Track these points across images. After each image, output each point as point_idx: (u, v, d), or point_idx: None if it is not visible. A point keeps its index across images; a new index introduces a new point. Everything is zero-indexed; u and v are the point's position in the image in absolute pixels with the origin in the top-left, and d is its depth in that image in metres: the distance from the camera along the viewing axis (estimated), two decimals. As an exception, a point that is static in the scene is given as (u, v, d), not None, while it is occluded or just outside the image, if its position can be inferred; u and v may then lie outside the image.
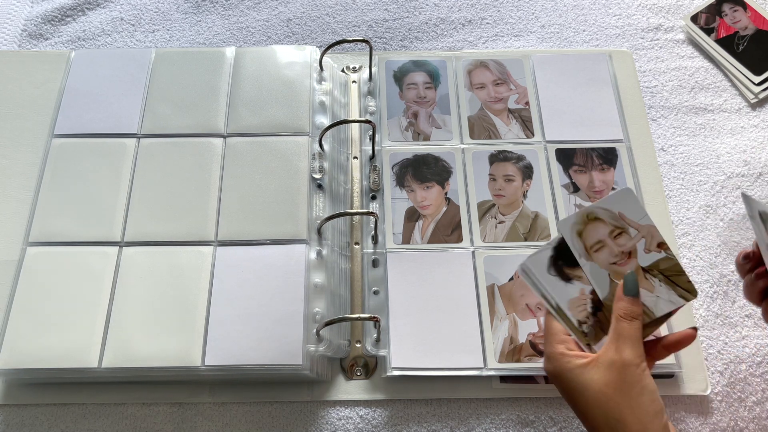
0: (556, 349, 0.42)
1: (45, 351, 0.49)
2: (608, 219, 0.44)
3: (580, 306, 0.43)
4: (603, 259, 0.43)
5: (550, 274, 0.44)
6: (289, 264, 0.53)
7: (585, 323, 0.43)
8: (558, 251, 0.44)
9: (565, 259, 0.44)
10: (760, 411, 0.52)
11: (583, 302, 0.43)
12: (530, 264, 0.44)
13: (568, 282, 0.44)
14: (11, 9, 0.73)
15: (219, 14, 0.73)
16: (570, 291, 0.44)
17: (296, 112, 0.60)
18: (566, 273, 0.44)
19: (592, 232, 0.44)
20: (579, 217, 0.44)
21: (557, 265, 0.44)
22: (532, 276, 0.44)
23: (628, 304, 0.42)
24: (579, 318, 0.43)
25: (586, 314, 0.43)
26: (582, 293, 0.43)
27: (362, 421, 0.52)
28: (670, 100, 0.67)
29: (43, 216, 0.55)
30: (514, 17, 0.73)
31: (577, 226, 0.44)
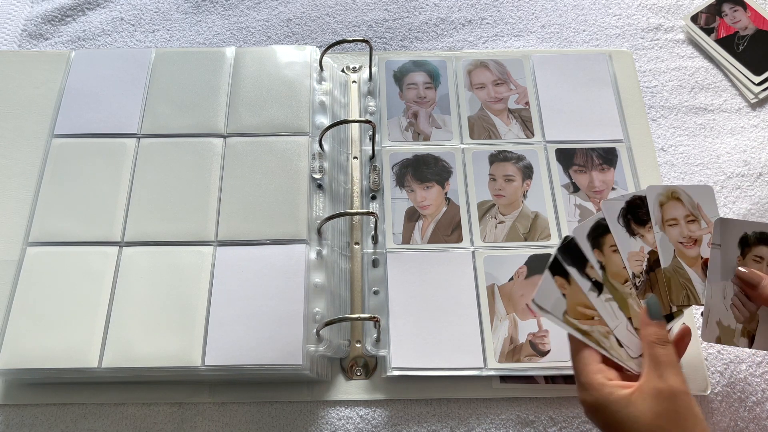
0: (595, 379, 0.40)
1: (45, 351, 0.49)
2: (687, 203, 0.47)
3: (637, 260, 0.46)
4: (673, 235, 0.46)
5: (619, 223, 0.46)
6: (289, 264, 0.53)
7: (638, 278, 0.45)
8: (630, 207, 0.47)
9: (635, 215, 0.47)
10: (760, 411, 0.52)
11: (641, 258, 0.46)
12: (605, 207, 0.47)
13: (632, 236, 0.46)
14: (11, 9, 0.73)
15: (219, 14, 0.73)
16: (632, 244, 0.46)
17: (296, 112, 0.60)
18: (633, 228, 0.46)
19: (671, 209, 0.47)
20: (666, 190, 0.47)
21: (626, 217, 0.46)
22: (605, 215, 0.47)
23: (658, 328, 0.41)
24: (634, 270, 0.45)
25: (641, 270, 0.45)
26: (641, 250, 0.46)
27: (362, 421, 0.52)
28: (670, 100, 0.67)
29: (43, 216, 0.55)
30: (514, 17, 0.73)
31: (661, 197, 0.47)
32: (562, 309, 0.44)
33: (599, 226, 0.46)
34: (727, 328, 0.45)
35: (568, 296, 0.44)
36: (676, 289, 0.45)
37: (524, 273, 0.56)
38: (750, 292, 0.45)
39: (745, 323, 0.45)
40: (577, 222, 0.58)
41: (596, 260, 0.45)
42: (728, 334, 0.45)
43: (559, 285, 0.45)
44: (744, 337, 0.45)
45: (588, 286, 0.45)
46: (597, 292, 0.45)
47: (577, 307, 0.44)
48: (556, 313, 0.44)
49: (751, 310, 0.45)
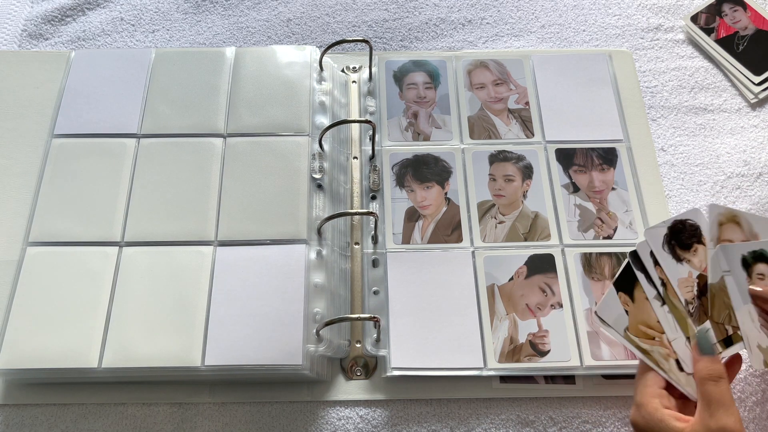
0: (651, 402, 0.40)
1: (45, 351, 0.49)
2: (746, 230, 0.47)
3: (687, 287, 0.46)
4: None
5: (664, 250, 0.47)
6: (289, 264, 0.53)
7: (691, 304, 0.45)
8: (673, 232, 0.47)
9: (678, 240, 0.47)
10: (760, 411, 0.52)
11: (690, 283, 0.46)
12: (648, 235, 0.47)
13: (678, 262, 0.46)
14: (11, 9, 0.73)
15: (219, 14, 0.73)
16: (680, 270, 0.46)
17: (296, 112, 0.60)
18: (678, 253, 0.46)
19: (729, 231, 0.47)
20: (727, 212, 0.47)
21: (670, 243, 0.47)
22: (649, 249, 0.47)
23: (709, 363, 0.40)
24: (686, 297, 0.45)
25: (692, 295, 0.45)
26: (690, 275, 0.46)
27: (362, 421, 0.52)
28: (670, 100, 0.67)
29: (43, 216, 0.55)
30: (514, 17, 0.73)
31: (721, 216, 0.47)
32: (624, 325, 0.45)
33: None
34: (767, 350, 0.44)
35: (630, 313, 0.45)
36: (719, 307, 0.44)
37: (524, 273, 0.56)
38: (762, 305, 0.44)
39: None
40: (576, 222, 0.58)
41: (658, 276, 0.46)
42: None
43: (622, 302, 0.45)
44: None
45: (653, 293, 0.45)
46: (661, 301, 0.45)
47: (639, 325, 0.45)
48: (618, 328, 0.45)
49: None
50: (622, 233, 0.58)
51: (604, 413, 0.52)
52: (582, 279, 0.55)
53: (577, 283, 0.55)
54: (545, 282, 0.55)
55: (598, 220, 0.58)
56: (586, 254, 0.56)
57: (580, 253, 0.56)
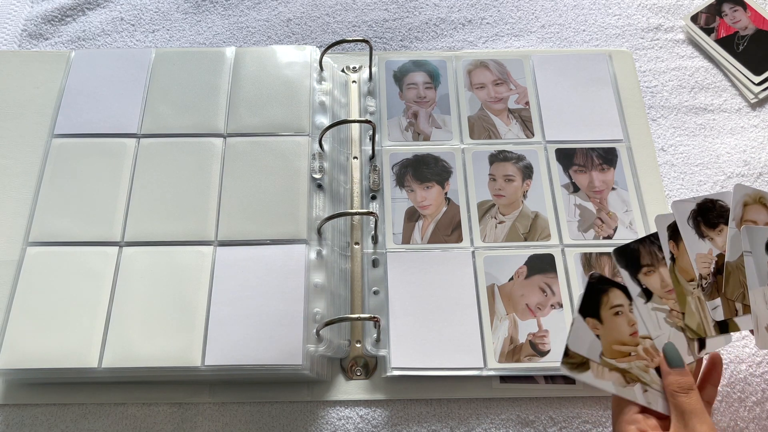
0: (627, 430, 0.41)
1: (45, 351, 0.49)
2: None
3: (706, 262, 0.46)
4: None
5: (689, 225, 0.47)
6: (289, 264, 0.53)
7: (705, 279, 0.45)
8: (701, 209, 0.47)
9: (705, 218, 0.47)
10: (760, 411, 0.52)
11: (709, 260, 0.46)
12: (675, 208, 0.47)
13: (701, 238, 0.46)
14: (11, 9, 0.73)
15: (219, 14, 0.73)
16: (701, 246, 0.46)
17: (296, 112, 0.60)
18: (702, 230, 0.47)
19: (753, 212, 0.47)
20: (754, 193, 0.47)
21: (696, 219, 0.47)
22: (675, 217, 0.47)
23: (678, 376, 0.41)
24: (702, 272, 0.46)
25: (708, 272, 0.46)
26: (710, 252, 0.46)
27: (362, 421, 0.52)
28: (670, 100, 0.67)
29: (43, 216, 0.55)
30: (514, 17, 0.73)
31: (747, 197, 0.47)
32: (598, 351, 0.44)
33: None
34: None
35: (602, 336, 0.44)
36: (734, 285, 0.45)
37: (524, 273, 0.56)
38: None
39: None
40: (576, 222, 0.58)
41: (669, 250, 0.46)
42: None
43: (591, 327, 0.44)
44: None
45: (637, 291, 0.45)
46: (645, 298, 0.45)
47: (613, 345, 0.44)
48: (593, 356, 0.44)
49: None
50: (622, 233, 0.58)
51: (604, 413, 0.52)
52: (582, 279, 0.55)
53: (577, 283, 0.55)
54: (545, 282, 0.55)
55: (598, 220, 0.58)
56: (586, 254, 0.56)
57: (580, 253, 0.56)
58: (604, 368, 0.43)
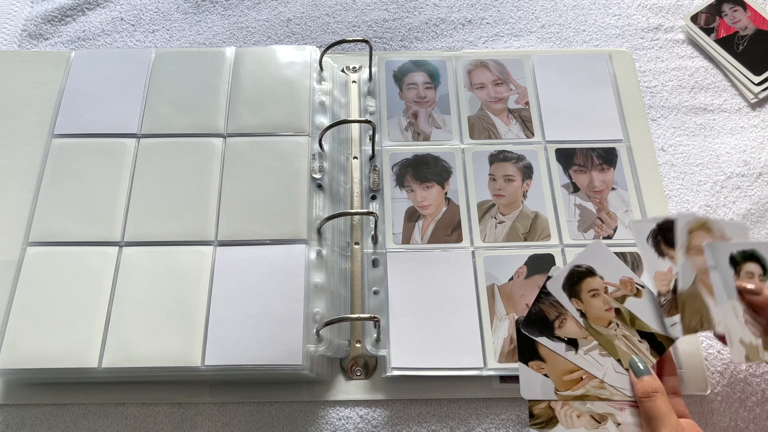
0: None
1: (45, 351, 0.49)
2: (717, 235, 0.47)
3: (665, 280, 0.46)
4: (697, 263, 0.46)
5: (648, 243, 0.47)
6: (289, 264, 0.53)
7: (664, 296, 0.46)
8: (662, 229, 0.47)
9: (665, 237, 0.47)
10: (760, 411, 0.52)
11: (668, 278, 0.46)
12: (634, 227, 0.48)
13: (660, 256, 0.47)
14: (11, 9, 0.73)
15: (219, 14, 0.73)
16: (660, 264, 0.46)
17: (296, 112, 0.60)
18: (662, 249, 0.47)
19: (699, 238, 0.47)
20: (698, 219, 0.47)
21: (656, 239, 0.47)
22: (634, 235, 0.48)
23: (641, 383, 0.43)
24: (661, 289, 0.46)
25: (667, 289, 0.46)
26: (670, 271, 0.46)
27: (362, 421, 0.52)
28: (670, 100, 0.67)
29: (43, 216, 0.55)
30: (514, 17, 0.73)
31: (692, 224, 0.47)
32: (551, 388, 0.45)
33: (573, 274, 0.47)
34: (750, 345, 0.44)
35: (550, 373, 0.45)
36: (691, 313, 0.45)
37: (524, 273, 0.56)
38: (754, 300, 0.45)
39: (763, 337, 0.45)
40: (576, 222, 0.58)
41: (575, 309, 0.46)
42: (754, 351, 0.44)
43: (536, 369, 0.45)
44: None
45: (563, 347, 0.45)
46: (574, 349, 0.45)
47: (563, 377, 0.45)
48: (548, 395, 0.44)
49: (762, 324, 0.45)
50: (622, 233, 0.58)
51: (604, 413, 0.52)
52: (582, 279, 0.55)
53: (577, 283, 0.55)
54: (545, 282, 0.55)
55: (598, 220, 0.58)
56: (586, 254, 0.56)
57: (580, 253, 0.56)
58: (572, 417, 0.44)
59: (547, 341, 0.46)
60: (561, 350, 0.45)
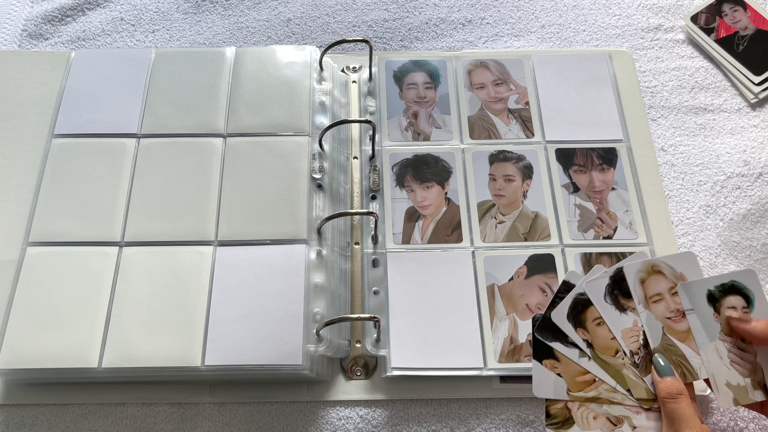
0: None
1: (45, 351, 0.49)
2: (670, 275, 0.45)
3: (633, 337, 0.44)
4: (659, 311, 0.45)
5: (607, 302, 0.45)
6: (289, 264, 0.53)
7: (637, 354, 0.44)
8: (615, 281, 0.45)
9: (621, 289, 0.45)
10: (760, 411, 0.52)
11: (636, 333, 0.44)
12: (588, 288, 0.45)
13: (622, 312, 0.45)
14: (11, 9, 0.73)
15: (219, 14, 0.73)
16: (624, 321, 0.45)
17: (296, 112, 0.60)
18: (621, 303, 0.45)
19: (654, 284, 0.45)
20: (645, 265, 0.45)
21: (613, 294, 0.45)
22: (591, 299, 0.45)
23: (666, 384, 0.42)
24: (631, 348, 0.44)
25: (638, 345, 0.44)
26: (635, 324, 0.44)
27: (362, 421, 0.52)
28: (670, 100, 0.67)
29: (43, 216, 0.55)
30: (514, 17, 0.73)
31: (641, 273, 0.45)
32: (564, 388, 0.44)
33: (577, 304, 0.45)
34: (737, 387, 0.43)
35: (563, 373, 0.44)
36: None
37: (524, 273, 0.56)
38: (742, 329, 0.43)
39: (751, 375, 0.43)
40: (576, 222, 0.58)
41: (582, 339, 0.45)
42: (742, 393, 0.43)
43: (550, 368, 0.44)
44: (758, 390, 0.43)
45: (576, 354, 0.44)
46: (588, 356, 0.44)
47: (576, 378, 0.44)
48: (560, 395, 0.44)
49: (750, 361, 0.43)
50: (622, 233, 0.58)
51: (604, 413, 0.52)
52: (582, 279, 0.55)
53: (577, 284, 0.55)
54: (545, 282, 0.55)
55: (598, 220, 0.58)
56: (586, 254, 0.56)
57: (580, 253, 0.56)
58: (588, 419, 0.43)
59: (561, 346, 0.45)
60: (574, 356, 0.44)
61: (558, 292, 0.46)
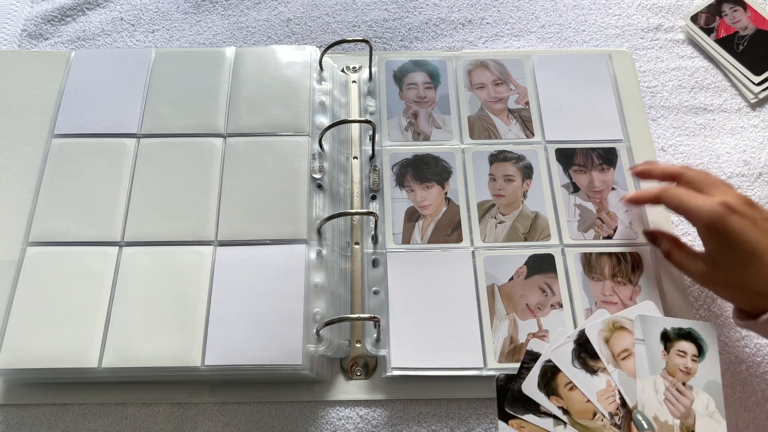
0: None
1: (45, 351, 0.49)
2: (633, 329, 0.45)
3: (609, 398, 0.44)
4: (631, 367, 0.44)
5: (575, 366, 0.45)
6: (289, 264, 0.53)
7: (617, 415, 0.43)
8: (579, 345, 0.45)
9: (588, 351, 0.45)
10: (760, 411, 0.52)
11: (611, 393, 0.44)
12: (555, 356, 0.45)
13: (593, 374, 0.44)
14: (11, 9, 0.73)
15: (219, 14, 0.73)
16: (596, 383, 0.44)
17: (296, 112, 0.60)
18: (590, 365, 0.45)
19: (619, 341, 0.45)
20: (606, 324, 0.45)
21: (581, 357, 0.45)
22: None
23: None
24: (610, 410, 0.43)
25: (615, 406, 0.43)
26: (609, 384, 0.44)
27: (362, 421, 0.52)
28: (670, 100, 0.67)
29: (43, 216, 0.55)
30: (514, 17, 0.73)
31: (603, 333, 0.45)
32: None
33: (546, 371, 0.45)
34: (664, 425, 0.43)
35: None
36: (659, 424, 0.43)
37: (524, 273, 0.56)
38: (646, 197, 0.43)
39: (682, 419, 0.43)
40: (576, 222, 0.58)
41: (556, 407, 0.44)
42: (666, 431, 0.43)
43: (517, 428, 0.44)
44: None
45: (551, 423, 0.44)
46: (563, 424, 0.44)
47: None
48: None
49: (685, 405, 0.43)
50: (622, 233, 0.58)
51: (604, 413, 0.52)
52: (582, 279, 0.55)
53: (577, 283, 0.55)
54: (545, 282, 0.55)
55: (598, 220, 0.58)
56: (586, 254, 0.56)
57: (580, 253, 0.56)
58: None
59: (534, 418, 0.44)
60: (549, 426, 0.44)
61: (523, 363, 0.46)
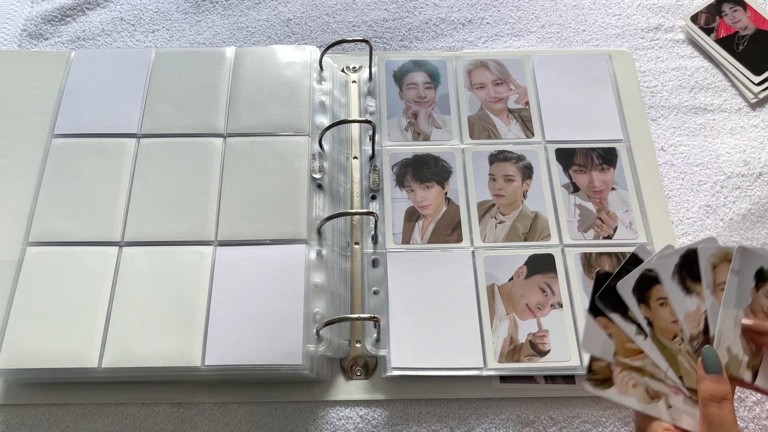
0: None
1: (45, 351, 0.49)
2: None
3: (694, 321, 0.43)
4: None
5: (674, 280, 0.44)
6: (289, 264, 0.53)
7: (696, 340, 0.43)
8: (685, 261, 0.44)
9: (690, 271, 0.44)
10: (760, 411, 0.52)
11: (698, 318, 0.43)
12: (658, 263, 0.44)
13: (688, 294, 0.44)
14: (11, 9, 0.73)
15: (219, 14, 0.73)
16: (688, 304, 0.43)
17: (296, 112, 0.60)
18: (688, 285, 0.44)
19: (724, 272, 0.44)
20: (720, 251, 0.44)
21: (681, 273, 0.44)
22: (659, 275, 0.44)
23: (713, 383, 0.39)
24: (692, 332, 0.43)
25: (698, 331, 0.43)
26: (698, 309, 0.43)
27: (362, 421, 0.52)
28: (670, 100, 0.67)
29: (43, 216, 0.55)
30: (514, 17, 0.73)
31: (714, 258, 0.44)
32: (612, 350, 0.43)
33: (644, 279, 0.44)
34: (735, 357, 0.42)
35: (614, 335, 0.43)
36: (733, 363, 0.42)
37: (524, 273, 0.56)
38: (756, 339, 0.42)
39: (751, 356, 0.42)
40: (576, 222, 0.58)
41: (643, 316, 0.43)
42: (735, 364, 0.42)
43: (603, 326, 0.43)
44: (749, 371, 0.42)
45: (633, 330, 0.43)
46: (644, 335, 0.43)
47: (625, 344, 0.43)
48: (606, 355, 0.43)
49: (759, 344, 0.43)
50: (622, 233, 0.58)
51: (604, 413, 0.52)
52: (582, 279, 0.55)
53: (577, 283, 0.55)
54: (545, 282, 0.55)
55: (598, 220, 0.58)
56: (586, 254, 0.56)
57: (580, 253, 0.56)
58: (628, 384, 0.42)
59: (620, 320, 0.43)
60: (631, 333, 0.43)
61: (626, 263, 0.44)
